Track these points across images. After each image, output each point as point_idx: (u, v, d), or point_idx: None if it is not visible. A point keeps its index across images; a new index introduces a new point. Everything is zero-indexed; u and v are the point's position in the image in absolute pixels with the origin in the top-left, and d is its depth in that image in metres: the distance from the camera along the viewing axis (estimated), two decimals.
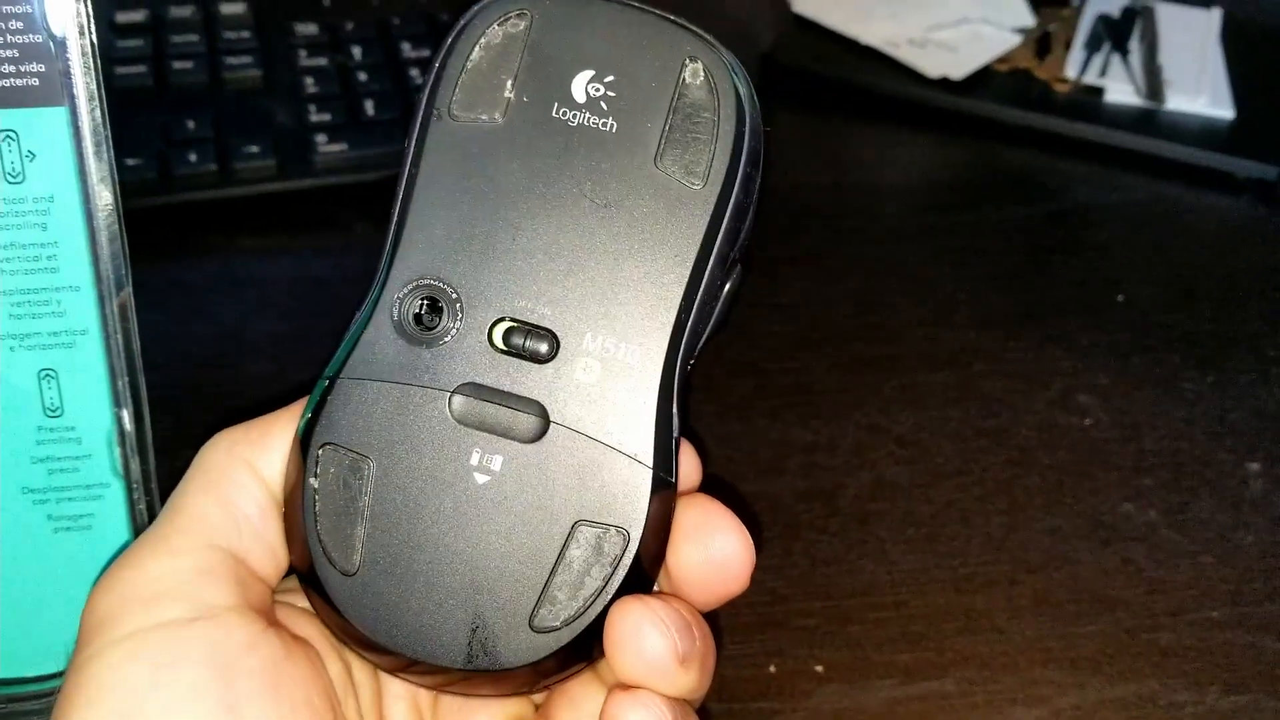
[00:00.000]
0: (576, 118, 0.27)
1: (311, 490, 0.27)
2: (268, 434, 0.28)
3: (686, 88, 0.27)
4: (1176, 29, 0.66)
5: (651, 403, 0.27)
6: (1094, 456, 0.46)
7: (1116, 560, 0.43)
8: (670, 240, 0.27)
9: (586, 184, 0.27)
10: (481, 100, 0.27)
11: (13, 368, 0.32)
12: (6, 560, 0.33)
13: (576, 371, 0.27)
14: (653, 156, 0.27)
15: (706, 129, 0.27)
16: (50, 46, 0.30)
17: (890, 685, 0.39)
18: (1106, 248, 0.56)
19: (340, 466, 0.27)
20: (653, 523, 0.26)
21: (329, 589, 0.26)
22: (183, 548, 0.26)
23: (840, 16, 0.66)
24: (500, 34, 0.27)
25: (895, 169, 0.61)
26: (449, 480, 0.26)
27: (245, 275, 0.52)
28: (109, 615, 0.26)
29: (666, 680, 0.26)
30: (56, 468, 0.33)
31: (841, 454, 0.46)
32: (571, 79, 0.27)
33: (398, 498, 0.26)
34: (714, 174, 0.27)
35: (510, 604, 0.26)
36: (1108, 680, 0.39)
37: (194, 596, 0.26)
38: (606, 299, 0.27)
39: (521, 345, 0.27)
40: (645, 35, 0.27)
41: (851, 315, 0.52)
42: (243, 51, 0.58)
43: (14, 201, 0.31)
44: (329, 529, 0.26)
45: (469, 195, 0.27)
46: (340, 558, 0.26)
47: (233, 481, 0.27)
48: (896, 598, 0.41)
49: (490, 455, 0.26)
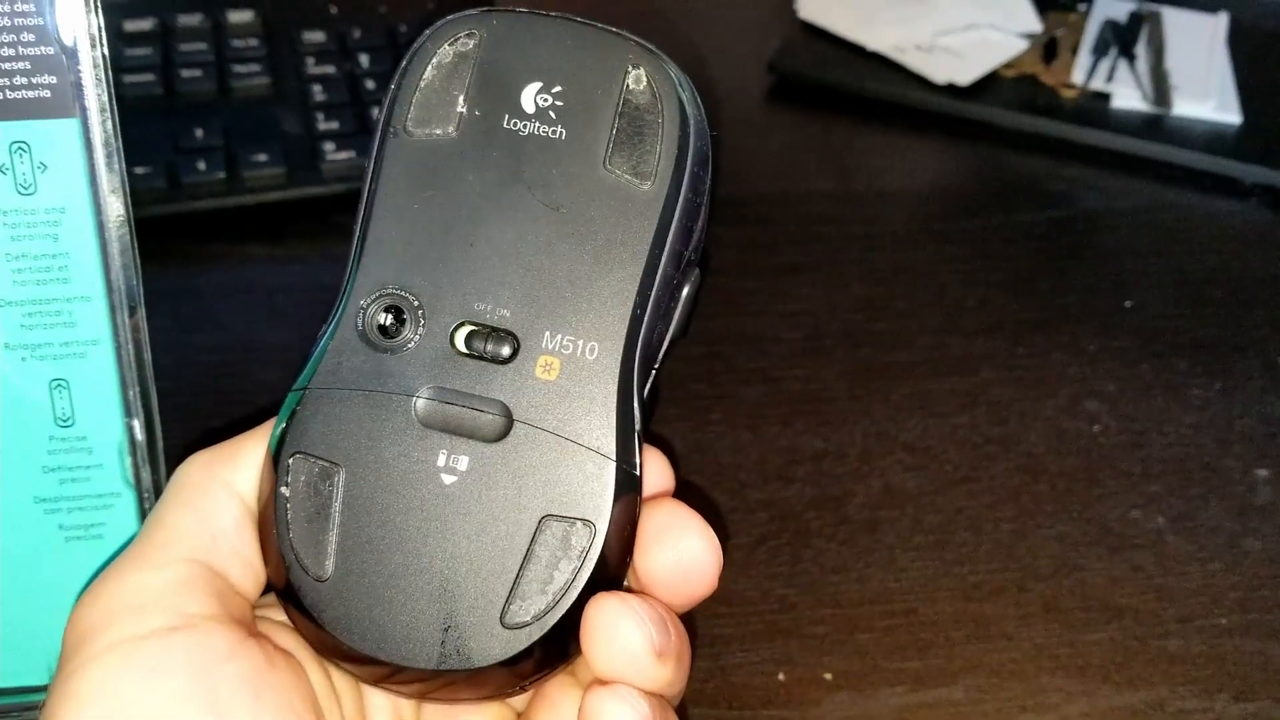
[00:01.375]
0: (526, 127, 0.28)
1: (283, 499, 0.27)
2: (241, 451, 0.28)
3: (630, 93, 0.28)
4: (1183, 34, 0.66)
5: (612, 397, 0.27)
6: (1102, 463, 0.46)
7: (1125, 567, 0.43)
8: (622, 238, 0.28)
9: (539, 189, 0.28)
10: (435, 116, 0.28)
11: (24, 378, 0.32)
12: (18, 569, 0.33)
13: (537, 370, 0.27)
14: (601, 160, 0.28)
15: (652, 130, 0.28)
16: (62, 58, 0.31)
17: (899, 693, 0.39)
18: (1114, 253, 0.56)
19: (310, 474, 0.27)
20: (618, 514, 0.27)
21: (303, 596, 0.27)
22: (162, 561, 0.27)
23: (846, 22, 0.67)
24: (451, 53, 0.29)
25: (902, 175, 0.61)
26: (417, 482, 0.27)
27: (254, 283, 0.52)
28: (92, 627, 0.26)
29: (643, 674, 0.26)
30: (68, 477, 0.33)
31: (850, 461, 0.46)
32: (520, 91, 0.28)
33: (368, 502, 0.27)
34: (661, 173, 0.28)
35: (481, 602, 0.26)
36: (1116, 687, 0.39)
37: (175, 607, 0.26)
38: (563, 298, 0.27)
39: (483, 347, 0.27)
40: (589, 46, 0.28)
41: (860, 322, 0.52)
42: (251, 59, 0.58)
43: (26, 213, 0.31)
44: (301, 536, 0.27)
45: (426, 206, 0.28)
46: (313, 564, 0.27)
47: (209, 498, 0.28)
48: (905, 605, 0.41)
49: (456, 456, 0.27)
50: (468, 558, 0.26)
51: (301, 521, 0.27)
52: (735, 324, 0.51)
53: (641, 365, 0.28)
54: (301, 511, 0.27)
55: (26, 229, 0.31)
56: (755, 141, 0.62)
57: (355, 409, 0.27)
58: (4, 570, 0.33)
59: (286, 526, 0.27)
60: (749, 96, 0.65)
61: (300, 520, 0.27)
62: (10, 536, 0.33)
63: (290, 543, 0.27)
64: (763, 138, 0.63)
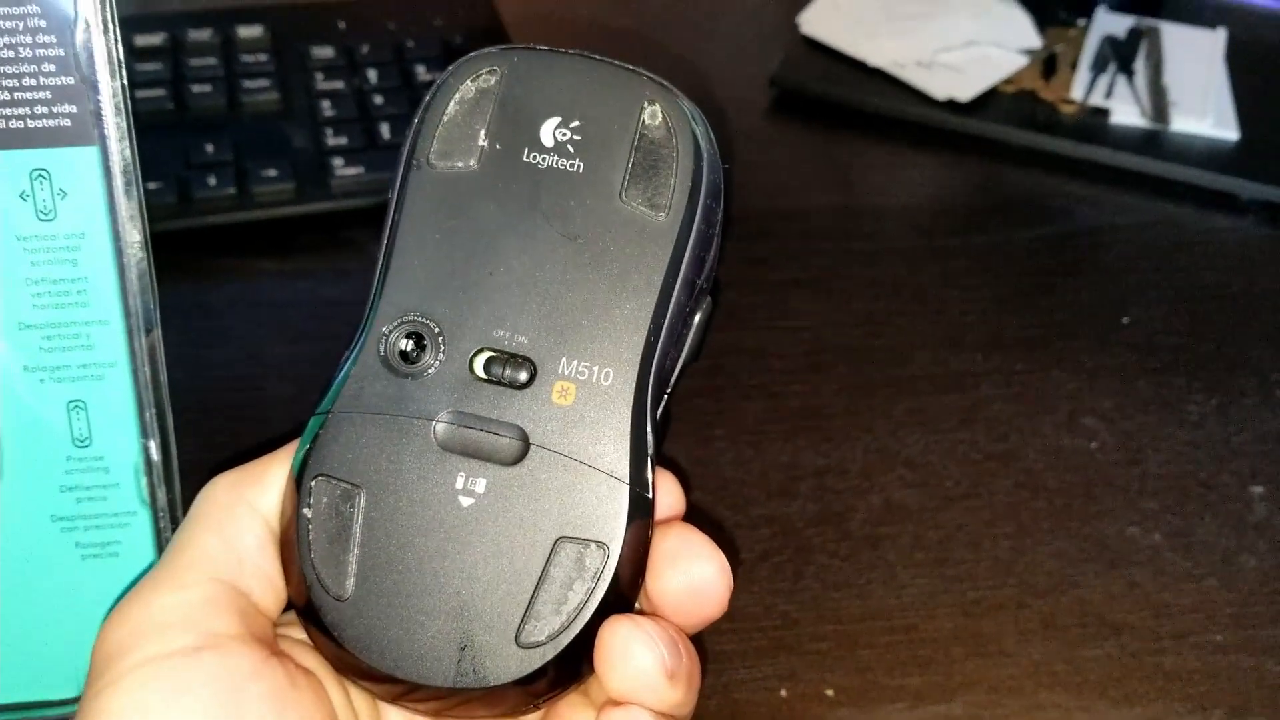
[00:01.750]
0: (545, 160, 0.29)
1: (305, 520, 0.28)
2: (265, 473, 0.29)
3: (646, 128, 0.29)
4: (1182, 50, 0.67)
5: (626, 421, 0.28)
6: (1099, 480, 0.47)
7: (1122, 584, 0.43)
8: (637, 268, 0.29)
9: (557, 220, 0.29)
10: (457, 150, 0.29)
11: (43, 399, 0.33)
12: (35, 586, 0.34)
13: (554, 395, 0.28)
14: (618, 192, 0.29)
15: (667, 164, 0.29)
16: (82, 89, 0.31)
17: (900, 709, 0.39)
18: (1112, 269, 0.57)
19: (332, 496, 0.28)
20: (631, 536, 0.27)
21: (323, 615, 0.27)
22: (188, 582, 0.27)
23: (847, 38, 0.67)
24: (473, 89, 0.30)
25: (902, 190, 0.62)
26: (435, 504, 0.28)
27: (264, 298, 0.53)
28: (120, 646, 0.27)
29: (656, 694, 0.27)
30: (84, 496, 0.34)
31: (851, 477, 0.47)
32: (540, 126, 0.29)
33: (388, 524, 0.28)
34: (675, 205, 0.29)
35: (497, 622, 0.27)
36: (1113, 703, 0.40)
37: (201, 627, 0.27)
38: (580, 325, 0.28)
39: (501, 373, 0.28)
40: (606, 83, 0.29)
41: (860, 337, 0.53)
42: (260, 75, 0.59)
43: (46, 238, 0.32)
44: (323, 557, 0.28)
45: (448, 236, 0.29)
46: (334, 584, 0.27)
47: (233, 519, 0.28)
48: (906, 621, 0.42)
49: (474, 479, 0.28)
50: (484, 578, 0.27)
51: (323, 542, 0.28)
52: (737, 339, 0.52)
53: (655, 390, 0.29)
54: (323, 532, 0.28)
55: (46, 254, 0.32)
56: (757, 156, 0.63)
57: (376, 432, 0.28)
58: (21, 586, 0.34)
59: (308, 547, 0.28)
60: (751, 111, 0.65)
61: (322, 541, 0.28)
62: (27, 554, 0.34)
63: (312, 562, 0.28)
64: (765, 152, 0.63)
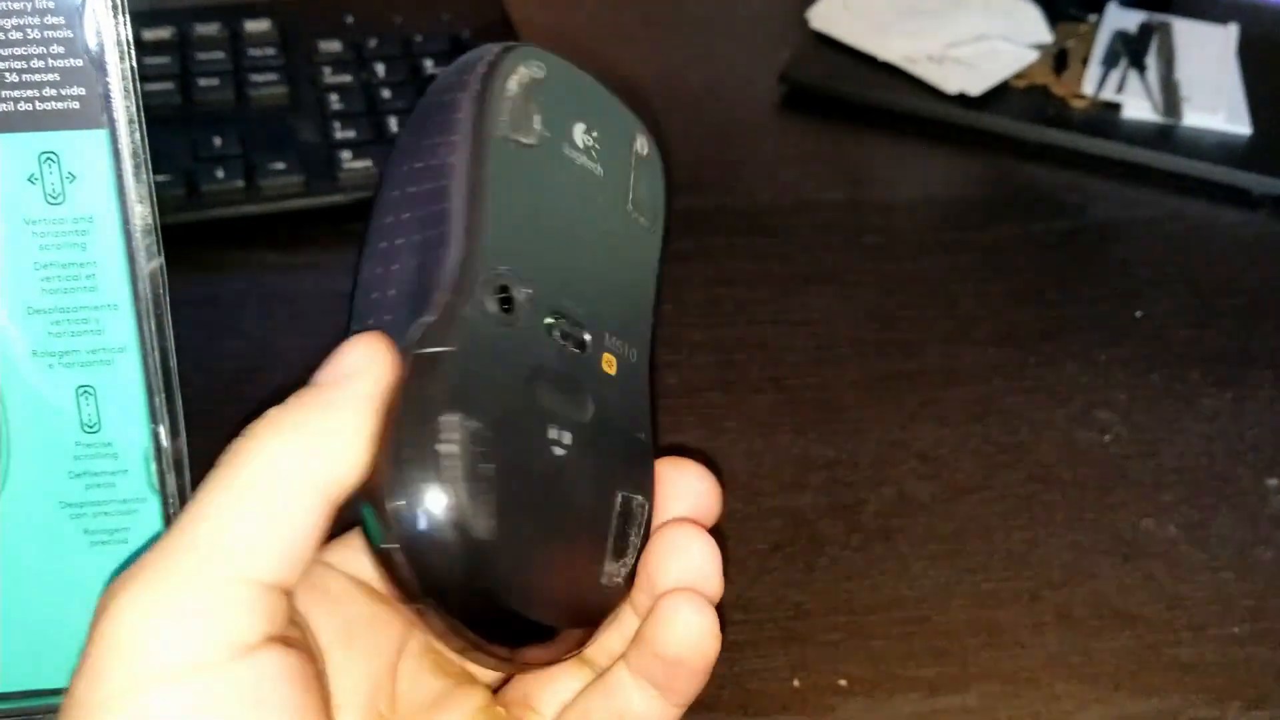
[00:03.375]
0: (579, 159, 0.32)
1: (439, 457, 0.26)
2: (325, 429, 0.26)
3: (638, 154, 0.34)
4: (1193, 45, 0.66)
5: (645, 396, 0.32)
6: (1114, 472, 0.47)
7: (1137, 576, 0.43)
8: (642, 266, 0.33)
9: (592, 213, 0.32)
10: (521, 126, 0.31)
11: (52, 384, 0.33)
12: (44, 573, 0.33)
13: (603, 365, 0.31)
14: (627, 202, 0.33)
15: (653, 186, 0.34)
16: (91, 71, 0.31)
17: (913, 700, 0.39)
18: (1124, 264, 0.57)
19: (466, 433, 0.26)
20: (655, 493, 0.31)
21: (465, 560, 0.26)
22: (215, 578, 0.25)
23: (858, 33, 0.67)
24: (528, 76, 0.31)
25: (913, 185, 0.61)
26: (540, 451, 0.28)
27: (272, 290, 0.52)
28: (137, 640, 0.24)
29: (709, 585, 0.29)
30: (93, 483, 0.33)
31: (863, 469, 0.46)
32: (573, 127, 0.32)
33: (508, 468, 0.27)
34: (657, 218, 0.34)
35: (589, 566, 0.29)
36: (1129, 695, 0.39)
37: (227, 634, 0.24)
38: (615, 306, 0.32)
39: (570, 337, 0.30)
40: (613, 110, 0.34)
41: (872, 331, 0.52)
42: (268, 69, 0.59)
43: (54, 222, 0.32)
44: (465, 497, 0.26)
45: (523, 205, 0.30)
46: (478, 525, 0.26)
47: (280, 496, 0.25)
48: (919, 613, 0.42)
49: (562, 431, 0.29)
50: (574, 525, 0.29)
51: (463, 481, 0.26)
52: (748, 333, 0.52)
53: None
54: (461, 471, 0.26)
55: (55, 238, 0.32)
56: (768, 151, 0.63)
57: (492, 376, 0.27)
58: (29, 573, 0.33)
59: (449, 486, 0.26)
60: (761, 106, 0.65)
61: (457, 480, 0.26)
62: (36, 540, 0.33)
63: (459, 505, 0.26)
64: (775, 148, 0.63)
